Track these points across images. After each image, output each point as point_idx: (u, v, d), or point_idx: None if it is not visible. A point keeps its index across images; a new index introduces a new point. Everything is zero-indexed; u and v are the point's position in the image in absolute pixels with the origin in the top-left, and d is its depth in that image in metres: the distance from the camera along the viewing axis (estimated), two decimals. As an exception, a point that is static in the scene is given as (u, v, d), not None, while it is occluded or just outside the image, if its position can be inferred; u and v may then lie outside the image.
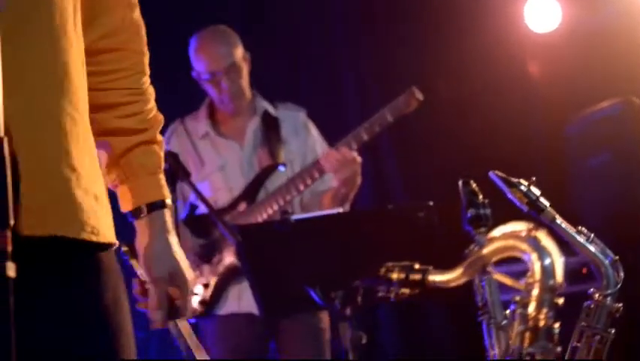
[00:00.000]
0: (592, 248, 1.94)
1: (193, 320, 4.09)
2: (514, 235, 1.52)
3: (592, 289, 1.94)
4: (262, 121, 4.18)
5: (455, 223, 2.48)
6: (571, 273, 2.15)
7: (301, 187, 3.95)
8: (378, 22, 5.82)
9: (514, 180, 1.94)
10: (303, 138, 4.18)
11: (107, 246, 1.66)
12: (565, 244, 1.89)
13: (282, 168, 3.95)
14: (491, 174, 1.93)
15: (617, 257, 1.97)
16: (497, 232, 1.55)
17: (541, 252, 1.47)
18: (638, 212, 4.95)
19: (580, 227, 1.96)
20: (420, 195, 5.19)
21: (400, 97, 3.96)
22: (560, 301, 1.52)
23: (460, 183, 1.64)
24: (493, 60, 5.59)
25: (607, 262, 1.96)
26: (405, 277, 1.60)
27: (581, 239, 1.93)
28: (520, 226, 1.53)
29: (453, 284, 1.57)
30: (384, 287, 1.63)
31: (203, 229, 4.06)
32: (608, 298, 1.93)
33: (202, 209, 4.11)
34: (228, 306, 3.97)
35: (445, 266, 1.78)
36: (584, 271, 4.63)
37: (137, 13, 1.85)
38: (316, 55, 5.83)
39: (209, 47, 4.11)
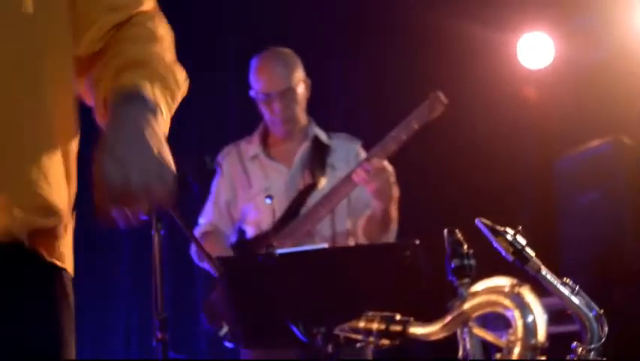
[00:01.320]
0: (576, 301, 1.91)
1: (234, 346, 4.06)
2: (497, 290, 1.50)
3: (575, 343, 1.91)
4: (312, 146, 4.15)
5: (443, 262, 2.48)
6: (558, 313, 2.12)
7: (333, 203, 3.91)
8: (371, 51, 5.82)
9: (500, 228, 1.91)
10: (353, 166, 4.06)
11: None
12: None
13: (268, 201, 3.90)
14: (477, 221, 1.91)
15: (602, 311, 1.94)
16: (480, 285, 1.52)
17: (524, 309, 1.44)
18: (625, 251, 4.95)
19: (565, 278, 1.93)
20: (411, 231, 5.22)
21: (424, 103, 3.92)
22: (542, 358, 1.50)
23: (445, 232, 1.61)
24: (486, 94, 5.59)
25: (591, 315, 1.93)
26: (385, 327, 1.58)
27: (565, 291, 1.90)
28: (503, 281, 1.50)
29: (434, 338, 1.55)
30: (364, 336, 1.60)
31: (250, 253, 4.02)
32: (592, 353, 1.90)
33: (249, 232, 4.13)
34: None
35: (431, 307, 1.75)
36: (569, 311, 4.61)
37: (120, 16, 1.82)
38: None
39: (268, 68, 4.09)
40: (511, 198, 5.66)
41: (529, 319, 1.45)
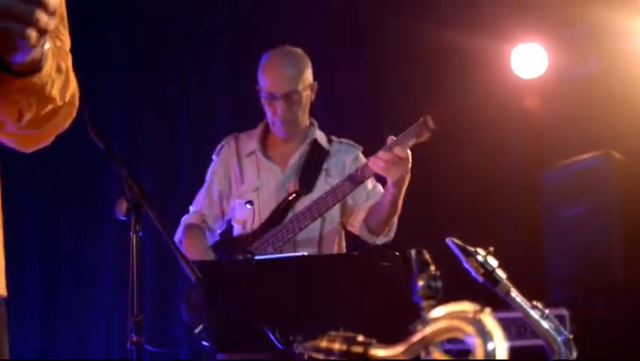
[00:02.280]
0: (545, 325, 1.90)
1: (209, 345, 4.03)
2: (459, 316, 1.48)
3: (542, 367, 1.90)
4: (309, 149, 4.09)
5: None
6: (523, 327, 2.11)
7: (320, 212, 3.84)
8: (365, 60, 5.81)
9: (472, 249, 1.89)
10: (348, 172, 3.99)
11: None
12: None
13: (248, 206, 3.87)
14: (448, 240, 1.89)
15: (571, 336, 1.93)
16: (442, 310, 1.50)
17: (485, 336, 1.42)
18: (609, 264, 4.94)
19: (535, 302, 1.92)
20: (397, 242, 5.20)
21: (413, 126, 3.75)
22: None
23: (413, 252, 1.59)
24: (478, 103, 5.58)
25: (560, 339, 1.92)
26: (347, 348, 1.55)
27: (535, 315, 1.89)
28: (466, 306, 1.48)
29: (394, 362, 1.52)
30: (325, 356, 1.57)
31: (231, 254, 3.97)
32: (559, 377, 1.89)
33: (235, 230, 4.07)
34: None
35: (410, 319, 1.74)
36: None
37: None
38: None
39: (275, 68, 3.99)
40: (498, 208, 5.66)
41: (490, 347, 1.42)
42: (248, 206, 3.85)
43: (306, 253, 3.63)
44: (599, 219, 4.99)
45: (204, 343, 3.98)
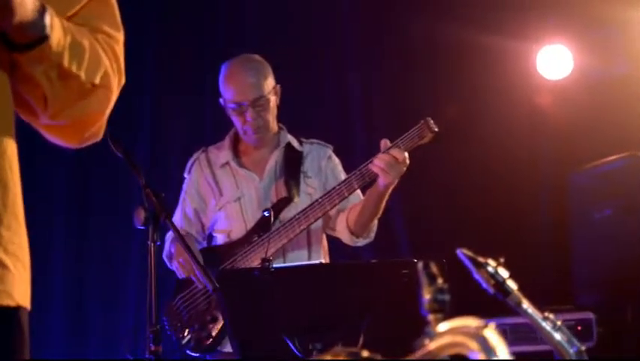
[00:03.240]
0: (557, 337, 1.87)
1: (199, 355, 4.02)
2: (463, 332, 1.46)
3: (556, 378, 1.87)
4: (284, 154, 4.09)
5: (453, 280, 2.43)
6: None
7: (310, 221, 3.83)
8: (391, 58, 5.79)
9: (482, 260, 1.87)
10: (326, 172, 4.06)
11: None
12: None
13: (266, 214, 3.86)
14: (459, 252, 1.87)
15: (583, 348, 1.89)
16: (447, 325, 1.48)
17: (489, 352, 1.40)
18: (638, 267, 4.88)
19: (547, 313, 1.89)
20: (423, 245, 5.18)
21: (414, 128, 3.72)
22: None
23: (420, 265, 1.57)
24: (504, 104, 5.56)
25: (572, 351, 1.89)
26: (351, 363, 1.53)
27: (547, 326, 1.86)
28: (470, 322, 1.46)
29: (399, 377, 1.51)
30: (330, 371, 1.56)
31: (217, 261, 3.98)
32: (572, 390, 1.86)
33: (219, 240, 4.08)
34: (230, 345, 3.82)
35: (423, 325, 1.71)
36: (579, 328, 4.57)
37: None
38: (326, 86, 5.81)
39: (238, 77, 4.00)
40: (526, 211, 5.62)
41: (494, 363, 1.40)
42: (266, 214, 3.84)
43: (323, 261, 3.61)
44: (628, 222, 4.93)
45: (190, 353, 3.99)
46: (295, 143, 4.14)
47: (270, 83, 4.02)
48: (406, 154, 3.73)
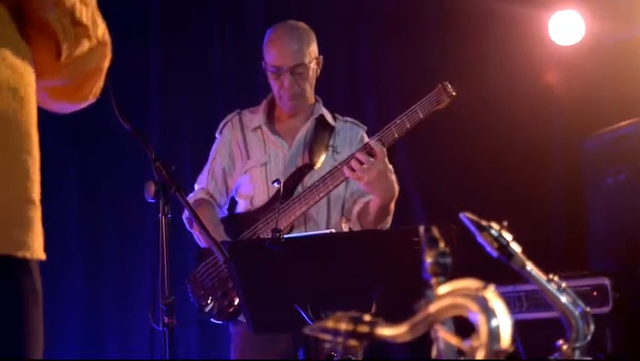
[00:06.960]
0: (562, 299, 1.87)
1: (222, 323, 4.04)
2: (462, 293, 1.46)
3: (560, 341, 1.87)
4: (316, 126, 4.09)
5: (464, 246, 2.43)
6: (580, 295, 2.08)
7: (329, 188, 3.83)
8: (401, 24, 5.78)
9: (485, 223, 1.87)
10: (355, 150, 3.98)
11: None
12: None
13: (276, 185, 3.84)
14: (462, 215, 1.87)
15: (588, 309, 1.90)
16: (447, 288, 1.49)
17: (489, 313, 1.40)
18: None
19: (551, 275, 1.89)
20: (438, 213, 5.17)
21: (432, 92, 3.72)
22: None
23: (422, 229, 1.58)
24: (515, 69, 5.56)
25: (577, 313, 1.89)
26: (353, 328, 1.54)
27: (551, 288, 1.86)
28: (471, 283, 1.46)
29: (401, 340, 1.51)
30: (331, 337, 1.57)
31: (237, 229, 4.01)
32: (577, 352, 1.86)
33: (240, 206, 4.10)
34: None
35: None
36: (595, 294, 4.56)
37: None
38: (335, 55, 5.80)
39: (281, 41, 4.00)
40: (538, 177, 5.61)
41: (494, 323, 1.40)
42: (276, 185, 3.84)
43: (334, 230, 3.61)
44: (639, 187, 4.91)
45: (214, 321, 4.01)
46: (329, 117, 4.13)
47: (312, 52, 4.03)
48: (383, 148, 3.72)
